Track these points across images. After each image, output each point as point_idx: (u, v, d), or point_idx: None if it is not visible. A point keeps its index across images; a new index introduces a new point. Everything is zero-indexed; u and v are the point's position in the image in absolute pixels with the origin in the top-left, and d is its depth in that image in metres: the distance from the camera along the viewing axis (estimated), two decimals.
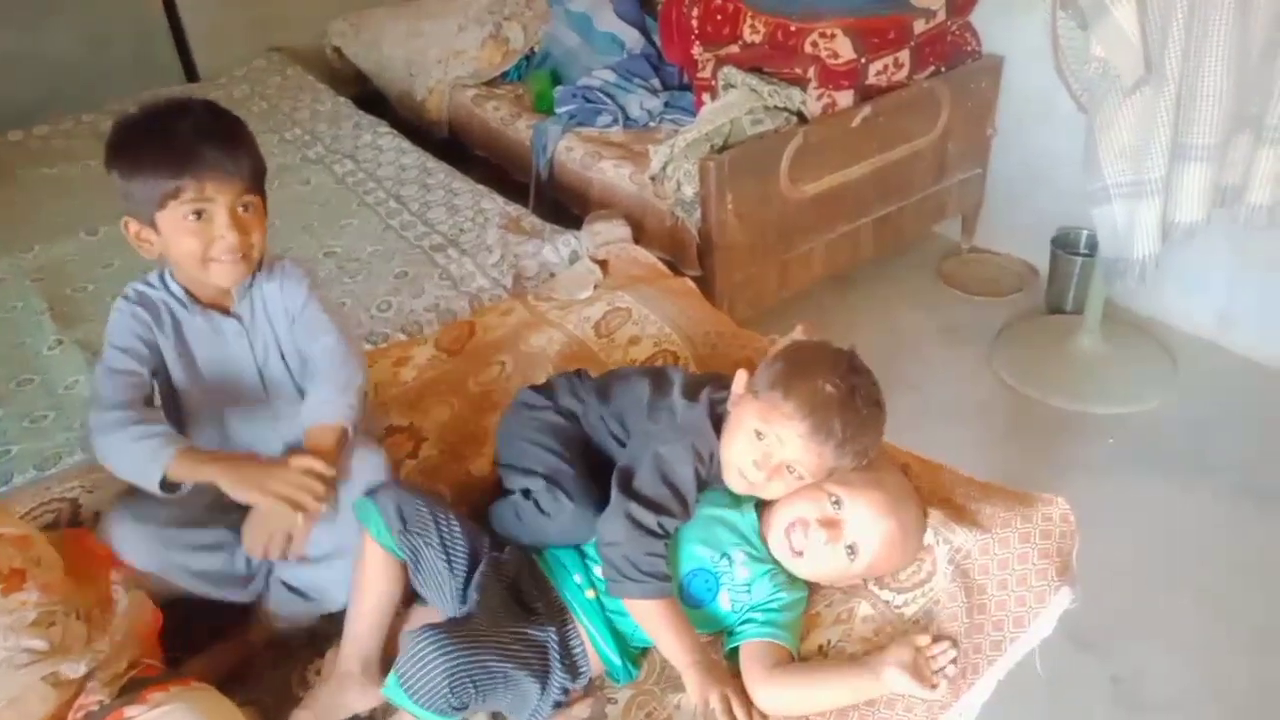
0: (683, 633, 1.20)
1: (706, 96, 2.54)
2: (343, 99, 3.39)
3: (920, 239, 3.02)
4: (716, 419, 1.32)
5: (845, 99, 2.45)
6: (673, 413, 1.35)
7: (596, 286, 2.06)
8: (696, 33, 2.73)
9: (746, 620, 1.24)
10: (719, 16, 2.68)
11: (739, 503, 1.32)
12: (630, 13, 3.21)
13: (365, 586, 1.29)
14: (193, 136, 1.24)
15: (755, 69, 2.45)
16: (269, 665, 1.35)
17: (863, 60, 2.44)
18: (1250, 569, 1.95)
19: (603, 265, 2.15)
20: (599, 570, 1.26)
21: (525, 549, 1.34)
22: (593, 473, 1.37)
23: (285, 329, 1.40)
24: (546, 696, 1.19)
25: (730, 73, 2.45)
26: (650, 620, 1.21)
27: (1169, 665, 1.76)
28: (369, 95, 3.64)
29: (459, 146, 3.29)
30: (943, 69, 2.64)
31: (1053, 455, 2.27)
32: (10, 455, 1.73)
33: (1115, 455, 2.26)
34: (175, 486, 1.25)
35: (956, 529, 1.30)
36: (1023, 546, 1.26)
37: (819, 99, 2.42)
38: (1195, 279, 2.56)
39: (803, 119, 2.40)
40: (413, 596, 1.34)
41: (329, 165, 2.90)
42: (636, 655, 1.28)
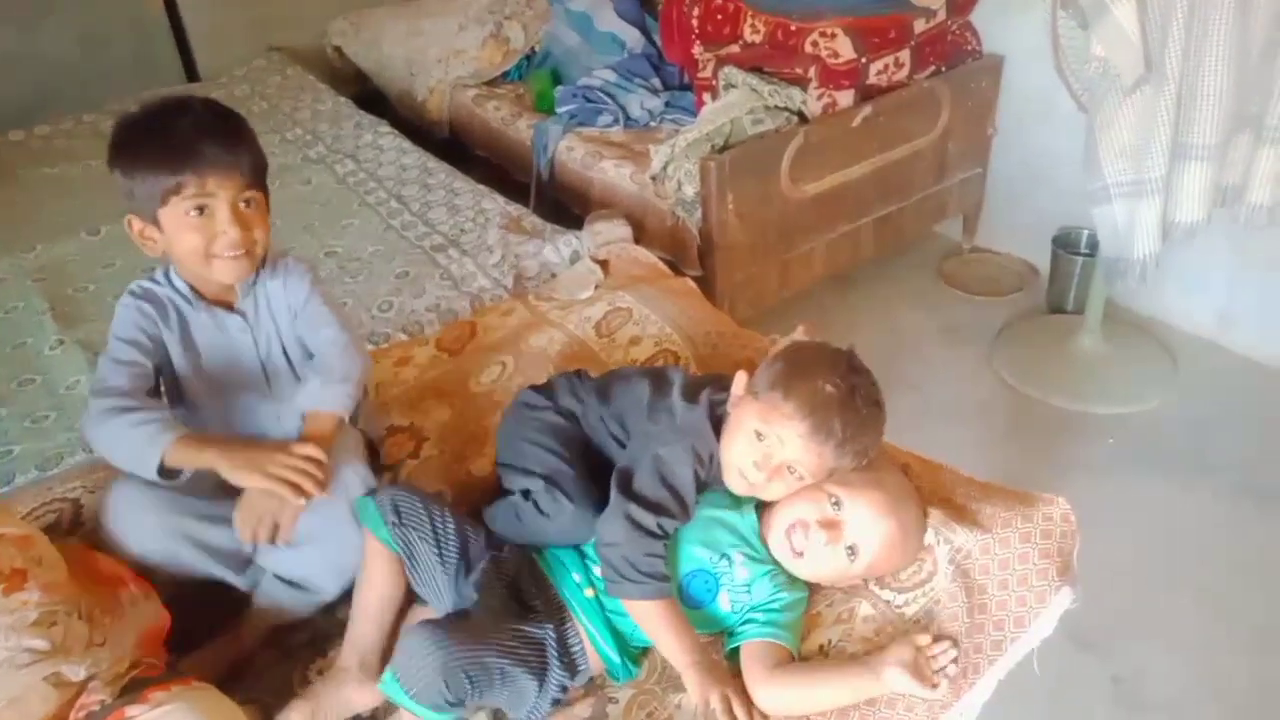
0: (682, 633, 1.20)
1: (707, 96, 2.54)
2: (343, 99, 3.39)
3: (921, 239, 3.02)
4: (716, 420, 1.32)
5: (846, 99, 2.45)
6: (672, 414, 1.35)
7: (597, 286, 2.06)
8: (697, 32, 2.73)
9: (747, 620, 1.25)
10: (719, 16, 2.68)
11: (739, 504, 1.32)
12: (631, 12, 3.21)
13: (365, 584, 1.31)
14: (193, 132, 1.25)
15: (756, 69, 2.45)
16: (270, 664, 1.35)
17: (863, 60, 2.44)
18: (1250, 569, 1.95)
19: (603, 265, 2.15)
20: (598, 570, 1.26)
21: (525, 548, 1.34)
22: (593, 473, 1.37)
23: (288, 324, 1.41)
24: (544, 694, 1.19)
25: (731, 72, 2.45)
26: (650, 621, 1.21)
27: (1169, 665, 1.77)
28: (369, 95, 3.64)
29: (460, 146, 3.29)
30: (943, 68, 2.64)
31: (1053, 455, 2.27)
32: (12, 455, 1.73)
33: (1115, 455, 2.26)
34: (173, 475, 1.25)
35: (957, 529, 1.30)
36: (1023, 546, 1.26)
37: (819, 99, 2.42)
38: (1196, 278, 2.56)
39: (803, 119, 2.40)
40: (415, 598, 1.35)
41: (330, 165, 2.90)
42: (637, 654, 1.28)
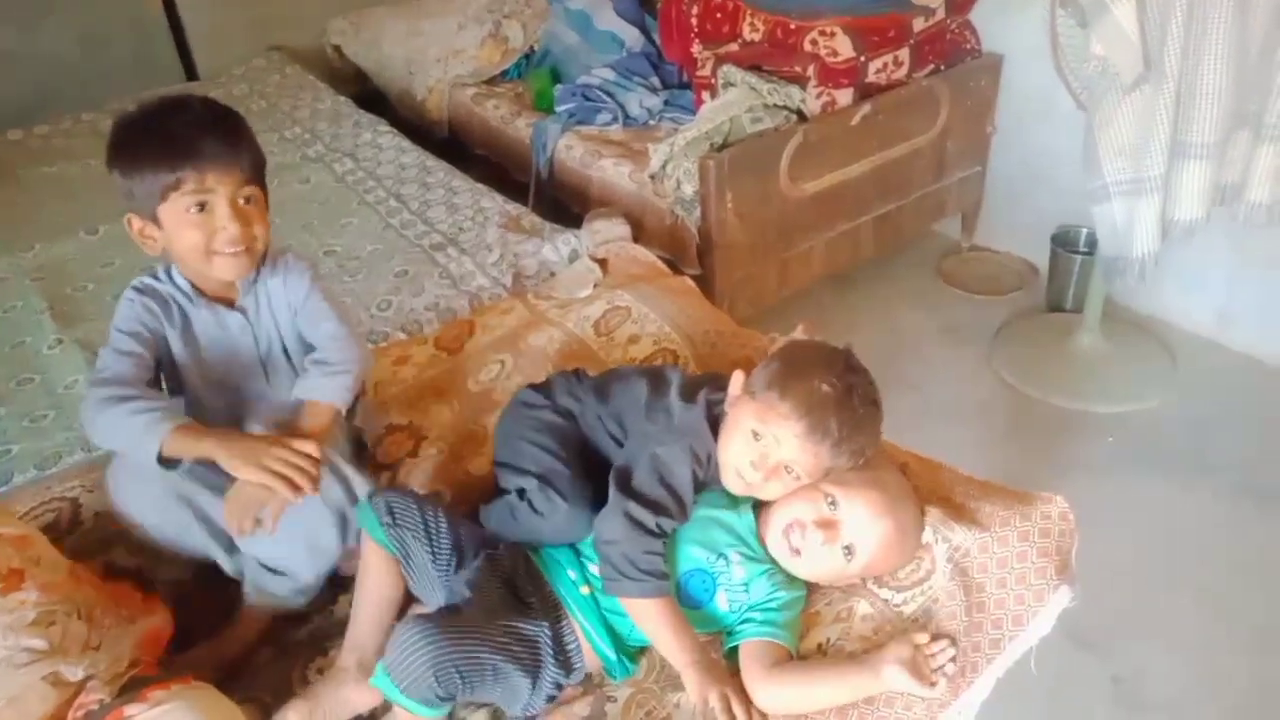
0: (681, 632, 1.20)
1: (706, 95, 2.54)
2: (342, 98, 3.39)
3: (920, 237, 3.01)
4: (714, 420, 1.31)
5: (845, 97, 2.45)
6: (670, 414, 1.35)
7: (596, 285, 2.05)
8: (696, 31, 2.73)
9: (745, 620, 1.24)
10: (718, 15, 2.68)
11: (736, 504, 1.32)
12: (630, 11, 3.21)
13: (364, 585, 1.32)
14: (192, 129, 1.26)
15: (755, 67, 2.45)
16: (268, 663, 1.35)
17: (862, 58, 2.44)
18: (1250, 569, 1.95)
19: (602, 264, 2.15)
20: (595, 568, 1.26)
21: (521, 546, 1.34)
22: (590, 472, 1.37)
23: (288, 321, 1.41)
24: (538, 691, 1.19)
25: (730, 71, 2.45)
26: (648, 619, 1.21)
27: (1169, 665, 1.76)
28: (369, 94, 3.64)
29: (459, 145, 3.29)
30: (942, 67, 2.64)
31: (1053, 454, 2.27)
32: (10, 455, 1.73)
33: (1115, 454, 2.26)
34: (172, 464, 1.25)
35: (955, 527, 1.30)
36: (1022, 545, 1.26)
37: (818, 97, 2.42)
38: (1195, 277, 2.56)
39: (802, 117, 2.40)
40: (414, 598, 1.35)
41: (329, 164, 2.89)
42: (634, 652, 1.28)
